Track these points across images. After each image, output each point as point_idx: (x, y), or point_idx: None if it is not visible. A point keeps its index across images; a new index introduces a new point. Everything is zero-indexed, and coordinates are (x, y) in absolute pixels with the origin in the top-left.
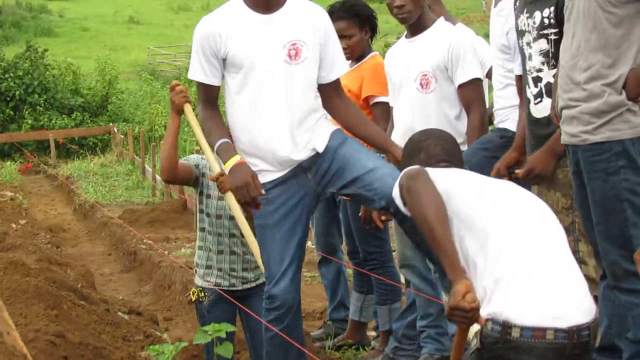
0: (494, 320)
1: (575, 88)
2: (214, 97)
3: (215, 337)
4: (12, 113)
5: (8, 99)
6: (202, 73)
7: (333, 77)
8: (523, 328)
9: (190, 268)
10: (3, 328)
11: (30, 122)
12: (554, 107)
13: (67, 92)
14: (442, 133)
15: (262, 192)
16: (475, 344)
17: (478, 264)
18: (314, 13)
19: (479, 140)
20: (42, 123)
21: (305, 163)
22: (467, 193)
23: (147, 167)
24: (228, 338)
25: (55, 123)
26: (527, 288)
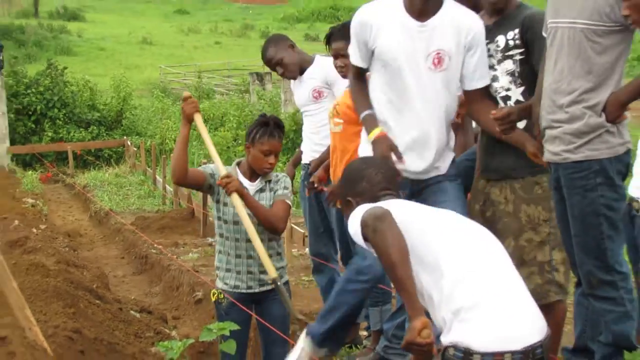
0: (456, 347)
1: (558, 110)
2: (362, 74)
3: (220, 334)
4: (33, 126)
5: (30, 113)
6: (353, 53)
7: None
8: (484, 354)
9: (197, 271)
10: (25, 324)
11: (50, 134)
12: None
13: (84, 107)
14: (381, 162)
15: (400, 161)
16: None
17: (434, 297)
18: (465, 20)
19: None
20: (61, 135)
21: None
22: (420, 230)
23: (158, 177)
24: (234, 336)
25: (74, 136)
26: (483, 317)
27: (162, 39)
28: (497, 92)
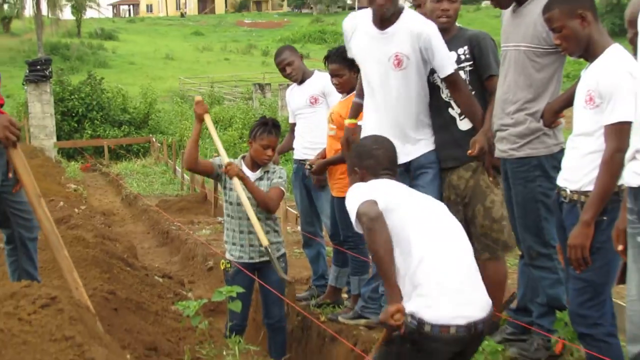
0: (413, 317)
1: (506, 117)
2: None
3: (228, 296)
4: (76, 125)
5: (73, 115)
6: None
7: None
8: (433, 325)
9: (209, 245)
10: (73, 285)
11: (90, 132)
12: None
13: (117, 110)
14: (391, 144)
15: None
16: (403, 331)
17: (401, 271)
18: (418, 27)
19: None
20: (98, 133)
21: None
22: (402, 215)
23: (177, 168)
24: (239, 297)
25: (109, 133)
26: (436, 294)
27: (181, 55)
28: (450, 97)
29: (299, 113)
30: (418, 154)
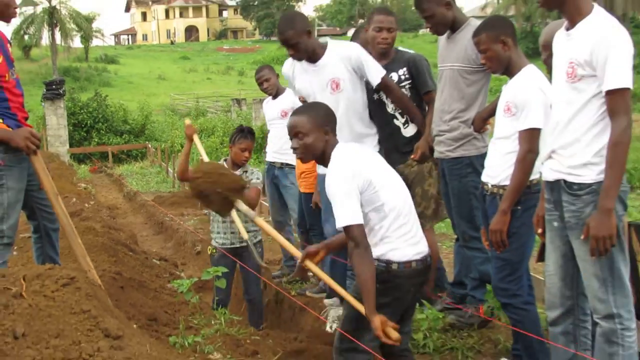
0: (379, 260)
1: (443, 124)
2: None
3: (215, 275)
4: (85, 135)
5: (82, 126)
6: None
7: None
8: (399, 263)
9: (196, 233)
10: (87, 267)
11: (97, 140)
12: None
13: (119, 122)
14: (321, 109)
15: None
16: None
17: (373, 225)
18: (345, 51)
19: None
20: (104, 141)
21: None
22: (377, 184)
23: (169, 169)
24: (224, 276)
25: (112, 141)
26: (399, 240)
27: (171, 76)
28: (396, 109)
29: (272, 123)
30: None
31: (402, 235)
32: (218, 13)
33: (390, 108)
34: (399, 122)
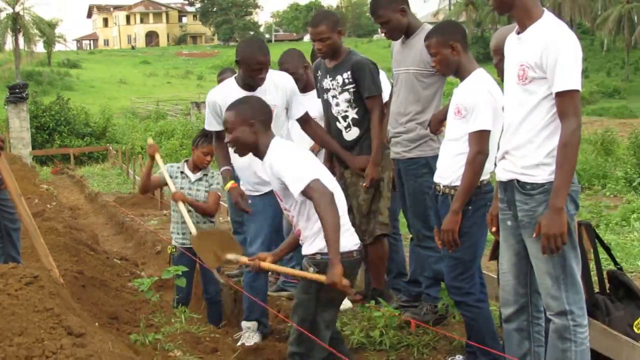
0: (322, 253)
1: (399, 126)
2: (220, 135)
3: (175, 274)
4: (47, 137)
5: (45, 129)
6: (209, 123)
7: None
8: (342, 253)
9: (156, 233)
10: (50, 266)
11: (59, 142)
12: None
13: (81, 124)
14: (259, 102)
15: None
16: (314, 269)
17: (312, 219)
18: (282, 81)
19: None
20: (65, 143)
21: None
22: (317, 174)
23: (130, 171)
24: (184, 275)
25: (74, 144)
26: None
27: (132, 80)
28: (339, 113)
29: None
30: None
31: (341, 227)
32: (178, 19)
33: (335, 110)
34: (341, 125)
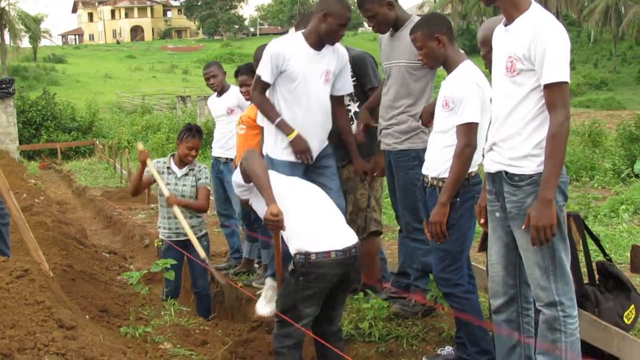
0: (299, 253)
1: (391, 118)
2: (266, 89)
3: (163, 268)
4: (34, 132)
5: (32, 123)
6: (265, 73)
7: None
8: (317, 253)
9: (144, 226)
10: (40, 260)
11: (46, 137)
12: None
13: (67, 119)
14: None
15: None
16: (291, 267)
17: (288, 214)
18: (341, 51)
19: None
20: (52, 138)
21: None
22: (283, 187)
23: (117, 165)
24: (172, 268)
25: (61, 138)
26: (314, 232)
27: (118, 75)
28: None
29: (219, 120)
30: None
31: (316, 228)
32: (162, 13)
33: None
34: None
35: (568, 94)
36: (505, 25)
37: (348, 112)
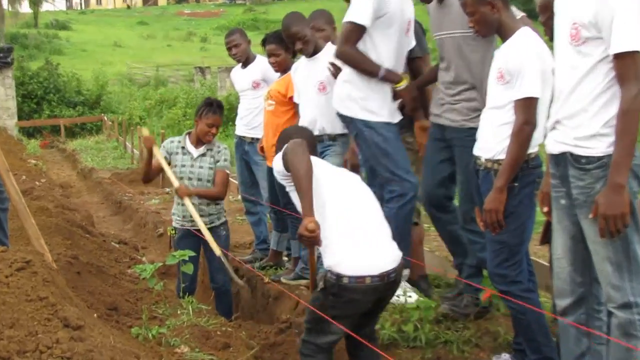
0: (331, 271)
1: (458, 94)
2: (359, 39)
3: (180, 259)
4: (35, 106)
5: (32, 97)
6: (365, 16)
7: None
8: (350, 277)
9: (158, 213)
10: (42, 250)
11: (48, 112)
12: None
13: (72, 92)
14: (305, 130)
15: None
16: (321, 285)
17: (323, 227)
18: None
19: None
20: (55, 113)
21: None
22: (321, 183)
23: (127, 144)
24: (190, 260)
25: (65, 113)
26: (350, 250)
27: (128, 43)
28: None
29: (243, 94)
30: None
31: (353, 245)
32: None
33: None
34: None
35: None
36: None
37: None
